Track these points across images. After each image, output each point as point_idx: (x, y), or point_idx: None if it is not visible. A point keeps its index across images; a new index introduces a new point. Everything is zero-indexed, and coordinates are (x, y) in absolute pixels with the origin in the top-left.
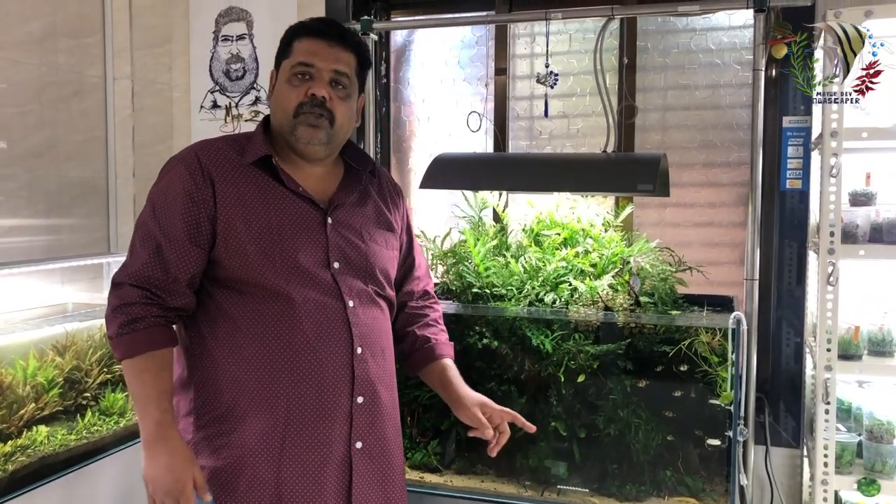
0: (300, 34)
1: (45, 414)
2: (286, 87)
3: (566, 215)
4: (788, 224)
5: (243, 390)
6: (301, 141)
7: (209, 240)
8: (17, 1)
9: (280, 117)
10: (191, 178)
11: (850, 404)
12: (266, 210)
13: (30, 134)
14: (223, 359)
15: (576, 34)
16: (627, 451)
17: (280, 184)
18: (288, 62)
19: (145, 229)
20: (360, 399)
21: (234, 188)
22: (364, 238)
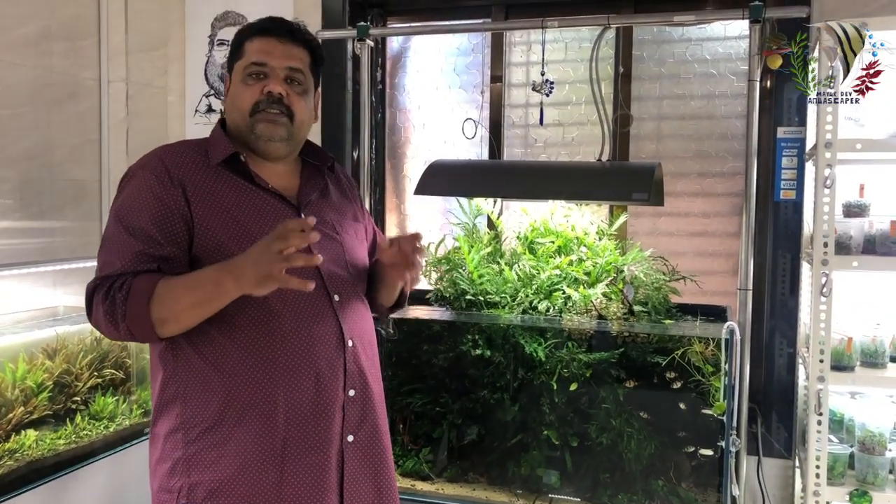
0: (250, 35)
1: (34, 418)
2: (241, 88)
3: (560, 223)
4: (782, 234)
5: (236, 396)
6: (262, 138)
7: (186, 243)
8: (12, 3)
9: (236, 118)
10: (158, 182)
11: (842, 415)
12: (241, 209)
13: (23, 136)
14: (209, 366)
15: (572, 43)
16: (620, 460)
17: (250, 182)
18: (240, 63)
19: (114, 240)
20: (352, 392)
21: (206, 189)
22: (338, 231)
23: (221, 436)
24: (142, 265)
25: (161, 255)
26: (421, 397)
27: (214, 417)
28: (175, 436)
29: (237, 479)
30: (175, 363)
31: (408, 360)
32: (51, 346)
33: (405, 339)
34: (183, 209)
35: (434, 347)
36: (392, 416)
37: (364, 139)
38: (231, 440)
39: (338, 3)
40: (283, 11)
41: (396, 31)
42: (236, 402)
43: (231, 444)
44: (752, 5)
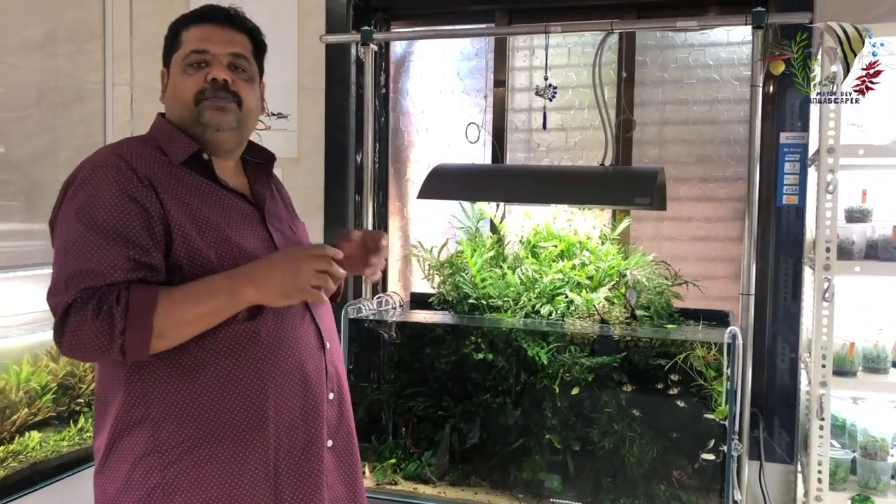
0: (186, 23)
1: (37, 419)
2: (181, 78)
3: (563, 227)
4: (784, 240)
5: (222, 409)
6: (210, 128)
7: (166, 244)
8: (17, 6)
9: (179, 110)
10: (127, 182)
11: (844, 420)
12: (212, 212)
13: (29, 139)
14: (187, 382)
15: (575, 47)
16: (622, 464)
17: (212, 182)
18: (179, 54)
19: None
20: (332, 395)
21: (175, 192)
22: (293, 230)
23: (204, 454)
24: (131, 273)
25: (145, 261)
26: (423, 401)
27: (196, 436)
28: (146, 461)
29: (229, 496)
30: (143, 383)
31: (410, 363)
32: (55, 348)
33: (407, 343)
34: (159, 211)
35: (436, 351)
36: (394, 419)
37: (367, 143)
38: (215, 457)
39: (342, 7)
40: (287, 15)
41: (400, 35)
42: (223, 417)
43: (216, 461)
44: (755, 11)
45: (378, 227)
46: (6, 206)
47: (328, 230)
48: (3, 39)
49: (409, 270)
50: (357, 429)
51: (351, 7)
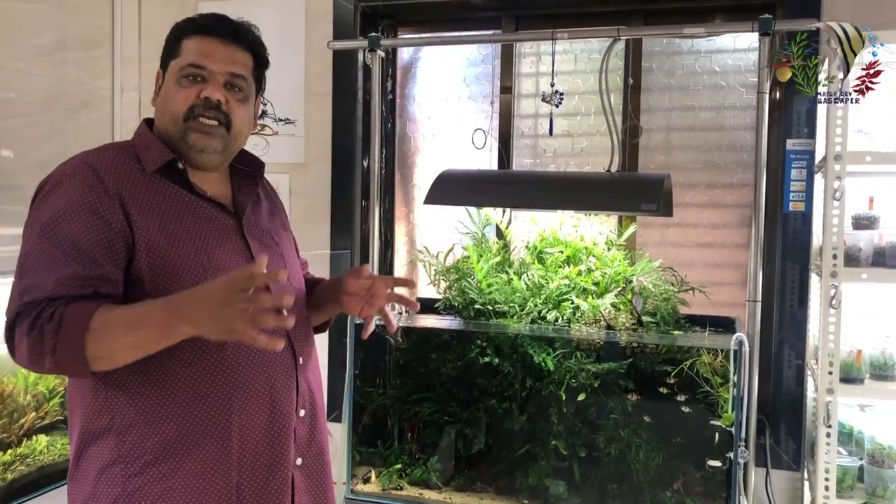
0: (189, 32)
1: (45, 423)
2: (174, 89)
3: (569, 233)
4: (791, 246)
5: (186, 422)
6: (194, 149)
7: (124, 262)
8: (28, 13)
9: (167, 122)
10: (90, 193)
11: (851, 428)
12: (183, 222)
13: (38, 144)
14: (152, 392)
15: (581, 54)
16: (627, 471)
17: (188, 191)
18: (177, 62)
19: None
20: (302, 412)
21: (146, 202)
22: (276, 241)
23: (169, 467)
24: (75, 289)
25: (97, 275)
26: (429, 406)
27: (160, 447)
28: (111, 471)
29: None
30: (108, 392)
31: (416, 368)
32: None
33: (413, 348)
34: (122, 224)
35: (442, 356)
36: (400, 424)
37: (374, 149)
38: (180, 471)
39: (349, 13)
40: (295, 21)
41: (407, 41)
42: (187, 429)
43: (180, 475)
44: (762, 18)
45: (384, 233)
46: (15, 210)
47: (335, 235)
48: (13, 46)
49: (415, 276)
50: (363, 434)
51: (358, 13)
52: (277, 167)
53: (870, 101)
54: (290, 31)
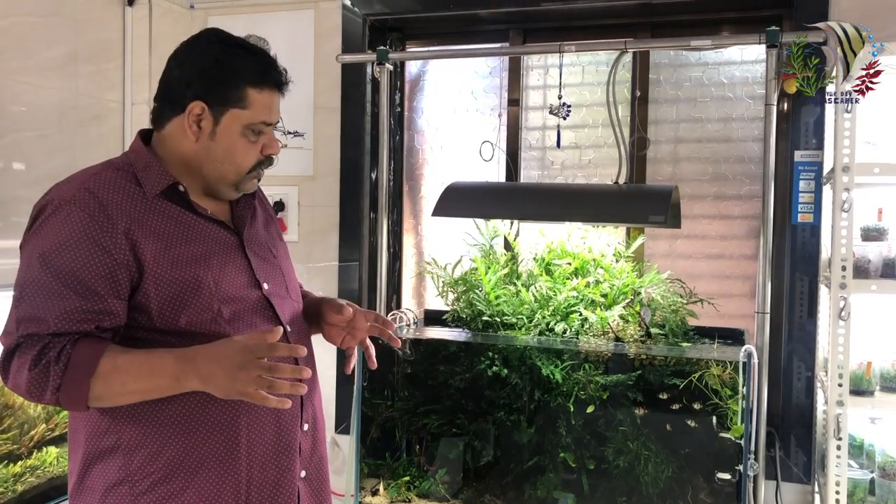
0: (257, 82)
1: (55, 435)
2: (242, 143)
3: (577, 245)
4: (800, 258)
5: (194, 441)
6: (239, 191)
7: (127, 292)
8: (40, 27)
9: (225, 169)
10: (93, 223)
11: (862, 440)
12: (189, 245)
13: (49, 157)
14: (159, 412)
15: (589, 66)
16: (636, 483)
17: (190, 211)
18: (243, 114)
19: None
20: (306, 426)
21: (150, 227)
22: (274, 254)
23: (177, 486)
24: (78, 325)
25: (99, 308)
26: (437, 418)
27: (168, 467)
28: (118, 490)
29: None
30: (114, 411)
31: (424, 380)
32: None
33: (421, 360)
34: (126, 254)
35: (450, 368)
36: (408, 436)
37: (382, 161)
38: (188, 490)
39: (358, 27)
40: (304, 35)
41: (415, 55)
42: (195, 448)
43: (188, 494)
44: (769, 30)
45: (392, 244)
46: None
47: (343, 247)
48: (25, 60)
49: (423, 287)
50: (371, 446)
51: (367, 27)
52: (286, 179)
53: (877, 111)
54: (300, 44)
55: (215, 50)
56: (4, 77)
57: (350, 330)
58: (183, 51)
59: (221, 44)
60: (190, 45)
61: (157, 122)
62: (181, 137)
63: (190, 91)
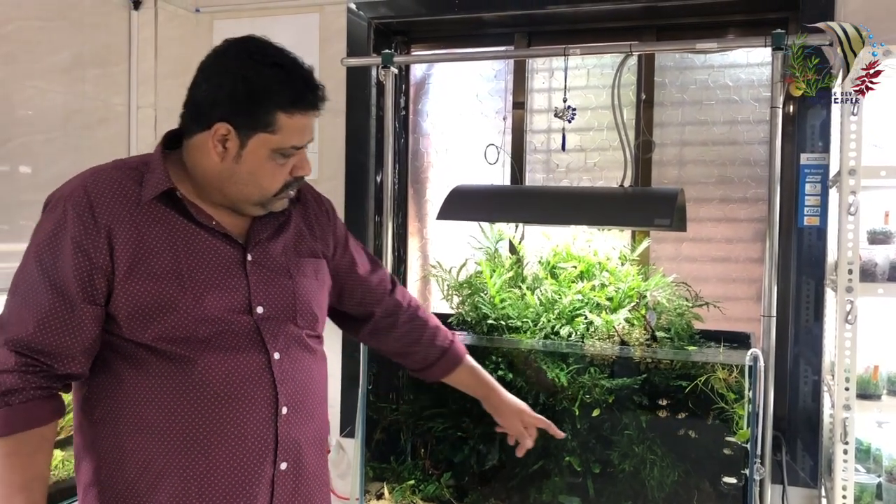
0: (287, 105)
1: (60, 438)
2: (269, 167)
3: (582, 248)
4: (806, 261)
5: (151, 458)
6: (266, 210)
7: (104, 296)
8: (46, 31)
9: (250, 191)
10: (79, 223)
11: (869, 445)
12: (174, 253)
13: (55, 160)
14: (125, 428)
15: (594, 69)
16: (642, 487)
17: (188, 220)
18: (271, 139)
19: (28, 285)
20: (284, 465)
21: (134, 231)
22: (291, 273)
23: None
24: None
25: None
26: (442, 422)
27: (128, 483)
28: (92, 490)
29: None
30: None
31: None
32: None
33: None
34: (104, 259)
35: None
36: (413, 440)
37: (387, 164)
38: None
39: (363, 31)
40: (309, 38)
41: (420, 58)
42: (151, 466)
43: None
44: (774, 33)
45: (397, 248)
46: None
47: None
48: (31, 64)
49: (427, 291)
50: (376, 449)
51: (372, 31)
52: None
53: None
54: (304, 48)
55: (245, 67)
56: (11, 81)
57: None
58: (211, 64)
59: (252, 59)
60: (219, 58)
61: (185, 130)
62: (205, 154)
63: (216, 111)
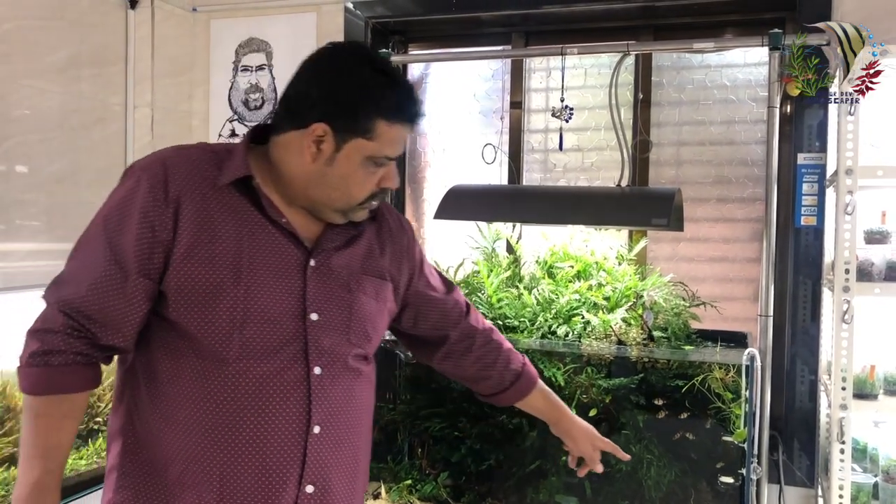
0: (390, 116)
1: None
2: (361, 174)
3: (580, 248)
4: (803, 261)
5: (174, 459)
6: (346, 218)
7: (160, 272)
8: (43, 31)
9: (335, 197)
10: (150, 195)
11: (865, 444)
12: (237, 241)
13: (52, 160)
14: (157, 416)
15: (591, 69)
16: (639, 487)
17: (259, 211)
18: (367, 145)
19: (91, 248)
20: (310, 489)
21: (203, 211)
22: (351, 288)
23: (152, 497)
24: (103, 302)
25: (121, 288)
26: (439, 421)
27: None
28: (112, 474)
29: None
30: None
31: (426, 384)
32: None
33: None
34: (167, 234)
35: None
36: (410, 440)
37: None
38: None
39: (360, 30)
40: (306, 38)
41: (417, 58)
42: (173, 468)
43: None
44: (772, 33)
45: None
46: (29, 225)
47: None
48: (29, 64)
49: None
50: (373, 449)
51: (369, 30)
52: None
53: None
54: (302, 47)
55: (352, 71)
56: (8, 80)
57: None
58: (315, 63)
59: (360, 64)
60: (325, 59)
61: (276, 126)
62: (296, 152)
63: (316, 110)
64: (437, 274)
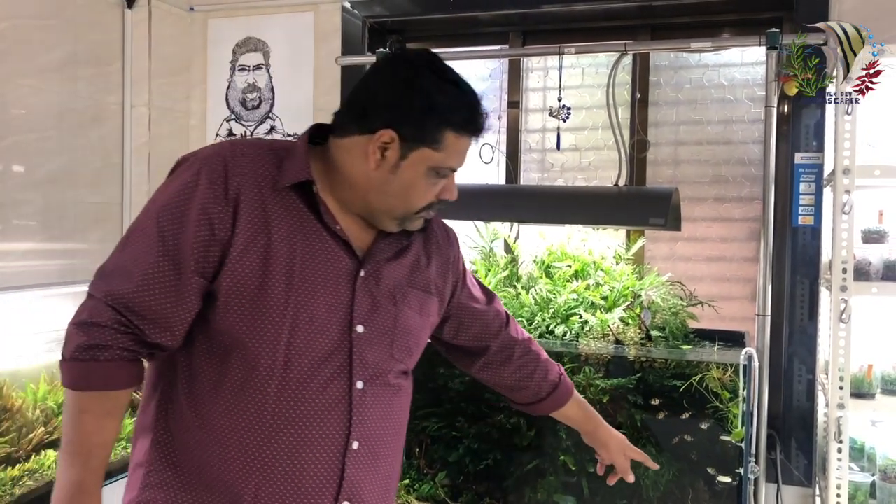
0: (460, 129)
1: (54, 438)
2: (423, 184)
3: (577, 248)
4: (800, 260)
5: (208, 462)
6: (401, 227)
7: (214, 270)
8: (40, 30)
9: (394, 205)
10: (210, 191)
11: (863, 444)
12: (291, 245)
13: (48, 159)
14: (193, 416)
15: (588, 68)
16: (637, 486)
17: (316, 216)
18: (433, 155)
19: (143, 241)
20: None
21: (261, 211)
22: (396, 301)
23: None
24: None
25: (177, 285)
26: (437, 421)
27: (178, 477)
28: (138, 471)
29: None
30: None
31: (424, 383)
32: None
33: (422, 363)
34: (225, 232)
35: (450, 371)
36: (408, 439)
37: None
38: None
39: (357, 29)
40: (304, 38)
41: None
42: (205, 474)
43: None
44: (769, 32)
45: None
46: (25, 225)
47: None
48: (25, 63)
49: None
50: None
51: (367, 29)
52: None
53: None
54: (299, 47)
55: (425, 79)
56: (4, 80)
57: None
58: (388, 70)
59: (434, 76)
60: (396, 65)
61: (339, 128)
62: (359, 157)
63: (384, 116)
64: (478, 284)
